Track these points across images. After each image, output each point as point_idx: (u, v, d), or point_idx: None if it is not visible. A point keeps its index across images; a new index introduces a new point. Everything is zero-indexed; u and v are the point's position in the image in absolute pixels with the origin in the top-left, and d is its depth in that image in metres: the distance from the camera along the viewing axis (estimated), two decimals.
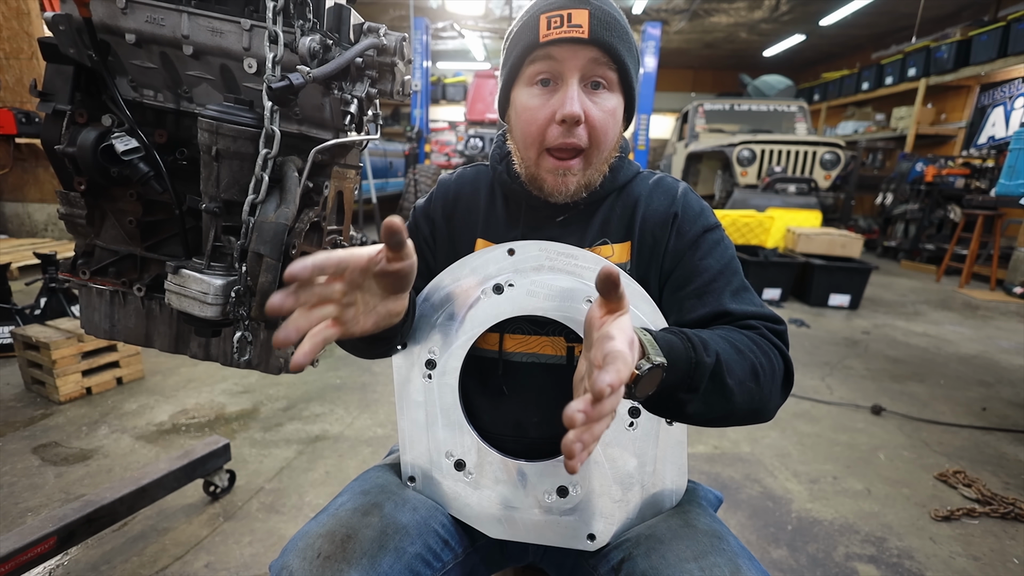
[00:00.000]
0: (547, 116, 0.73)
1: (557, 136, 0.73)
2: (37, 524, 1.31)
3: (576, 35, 0.69)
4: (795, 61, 13.51)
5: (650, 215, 0.80)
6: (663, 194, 0.82)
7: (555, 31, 0.70)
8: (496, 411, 0.84)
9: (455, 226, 0.88)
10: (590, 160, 0.75)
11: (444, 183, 0.93)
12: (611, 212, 0.82)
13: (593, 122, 0.72)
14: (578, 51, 0.71)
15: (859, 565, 1.64)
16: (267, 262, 0.80)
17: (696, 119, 8.19)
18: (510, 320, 0.81)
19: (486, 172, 0.91)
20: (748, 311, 0.73)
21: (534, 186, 0.79)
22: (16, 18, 4.61)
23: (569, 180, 0.75)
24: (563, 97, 0.71)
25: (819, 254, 4.94)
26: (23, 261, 4.14)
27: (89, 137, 0.88)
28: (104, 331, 1.10)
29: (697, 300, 0.75)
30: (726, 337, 0.66)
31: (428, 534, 0.72)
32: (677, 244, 0.78)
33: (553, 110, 0.72)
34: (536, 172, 0.77)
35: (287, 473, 1.97)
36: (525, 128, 0.75)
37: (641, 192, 0.83)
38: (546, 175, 0.76)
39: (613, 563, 0.70)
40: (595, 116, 0.72)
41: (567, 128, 0.72)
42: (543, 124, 0.73)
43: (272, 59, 0.78)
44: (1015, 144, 3.43)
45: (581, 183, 0.76)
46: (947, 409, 2.79)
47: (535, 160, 0.76)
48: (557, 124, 0.72)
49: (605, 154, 0.77)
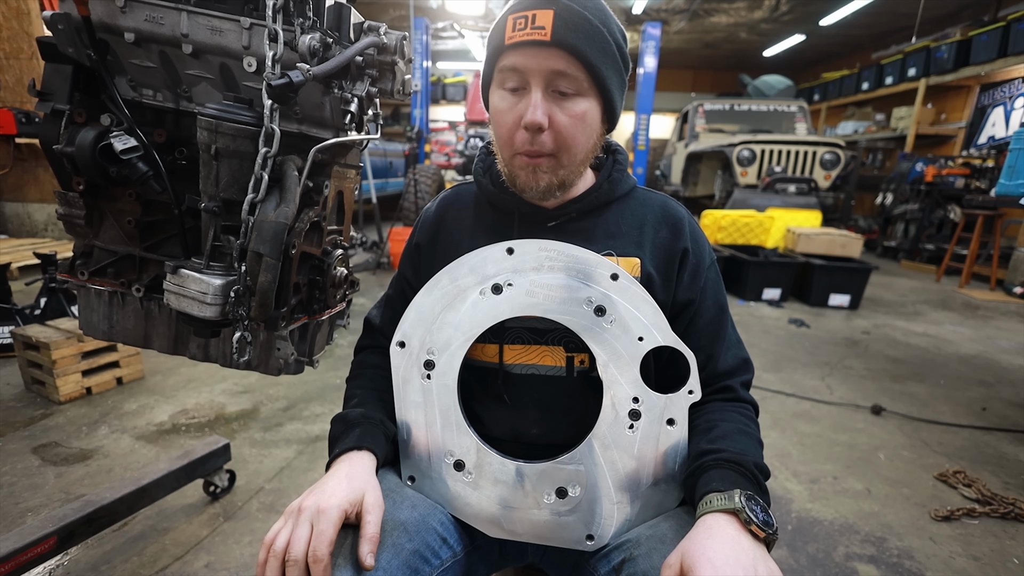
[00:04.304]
0: (514, 121, 0.74)
1: (523, 142, 0.74)
2: (37, 524, 1.31)
3: (538, 37, 0.69)
4: (795, 61, 13.51)
5: (660, 242, 0.83)
6: (672, 224, 0.84)
7: (519, 33, 0.70)
8: (496, 419, 0.84)
9: (442, 246, 0.88)
10: (560, 161, 0.76)
11: (425, 211, 0.95)
12: (616, 227, 0.83)
13: (558, 127, 0.73)
14: (541, 55, 0.70)
15: (859, 565, 1.64)
16: (267, 262, 0.79)
17: (696, 119, 8.19)
18: (509, 329, 0.81)
19: (467, 190, 0.92)
20: (730, 367, 0.82)
21: (511, 182, 0.81)
22: (16, 18, 4.61)
23: (540, 176, 0.76)
24: (527, 104, 0.72)
25: (819, 254, 4.94)
26: (23, 261, 4.14)
27: (88, 136, 0.88)
28: (103, 332, 1.10)
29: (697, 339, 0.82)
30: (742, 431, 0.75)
31: (427, 531, 0.72)
32: (691, 281, 0.83)
33: (519, 115, 0.73)
34: (511, 169, 0.79)
35: (287, 473, 1.97)
36: (497, 130, 0.78)
37: (648, 214, 0.85)
38: (519, 171, 0.78)
39: (614, 563, 0.70)
40: (560, 122, 0.73)
41: (531, 135, 0.73)
42: (511, 128, 0.75)
43: (272, 57, 0.78)
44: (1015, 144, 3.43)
45: (554, 181, 0.77)
46: (947, 409, 2.79)
47: (509, 159, 0.78)
48: (523, 129, 0.73)
49: (579, 156, 0.77)
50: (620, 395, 0.73)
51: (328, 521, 0.62)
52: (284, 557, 0.61)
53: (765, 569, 0.56)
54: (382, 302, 0.97)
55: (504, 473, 0.76)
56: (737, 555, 0.56)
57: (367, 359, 0.94)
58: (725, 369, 0.82)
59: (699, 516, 0.63)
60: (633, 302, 0.72)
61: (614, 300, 0.72)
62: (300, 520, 0.63)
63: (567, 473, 0.74)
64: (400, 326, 0.79)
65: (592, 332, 0.73)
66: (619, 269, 0.72)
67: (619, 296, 0.72)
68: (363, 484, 0.68)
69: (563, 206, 0.83)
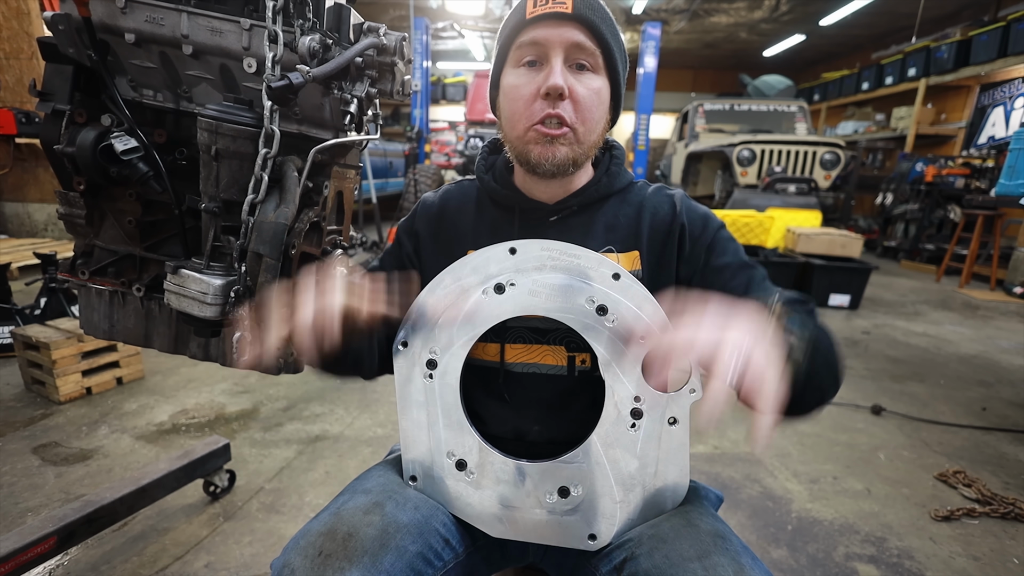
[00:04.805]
0: (533, 92, 0.75)
1: (542, 108, 0.75)
2: (37, 524, 1.31)
3: (560, 10, 0.73)
4: (795, 61, 13.51)
5: (656, 224, 0.83)
6: (664, 203, 0.85)
7: (540, 7, 0.74)
8: (497, 418, 0.84)
9: (443, 242, 0.88)
10: (577, 136, 0.77)
11: (426, 199, 0.94)
12: (615, 220, 0.84)
13: (577, 97, 0.75)
14: (562, 27, 0.74)
15: (859, 565, 1.64)
16: (266, 262, 0.79)
17: (696, 119, 8.18)
18: (511, 329, 0.81)
19: (470, 187, 0.92)
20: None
21: (524, 161, 0.79)
22: (16, 18, 4.61)
23: (557, 149, 0.76)
24: (547, 73, 0.74)
25: (819, 254, 4.94)
26: (23, 261, 4.14)
27: (88, 137, 0.88)
28: (103, 331, 1.10)
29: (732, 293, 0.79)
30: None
31: (429, 533, 0.72)
32: (693, 251, 0.81)
33: (538, 86, 0.75)
34: (523, 147, 0.78)
35: (287, 473, 1.97)
36: (512, 106, 0.78)
37: (643, 203, 0.85)
38: (533, 146, 0.77)
39: (615, 563, 0.70)
40: (579, 92, 0.75)
41: (551, 101, 0.75)
42: (529, 99, 0.76)
43: (272, 58, 0.78)
44: (1015, 144, 3.43)
45: (569, 156, 0.77)
46: (947, 409, 2.79)
47: (523, 135, 0.77)
48: (542, 99, 0.75)
49: (593, 136, 0.79)
50: (622, 394, 0.73)
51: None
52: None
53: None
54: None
55: (506, 472, 0.76)
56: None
57: None
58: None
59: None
60: (635, 301, 0.72)
61: (616, 299, 0.72)
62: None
63: (569, 472, 0.74)
64: (403, 325, 0.79)
65: (594, 331, 0.73)
66: (621, 268, 0.73)
67: (621, 295, 0.72)
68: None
69: (563, 200, 0.84)
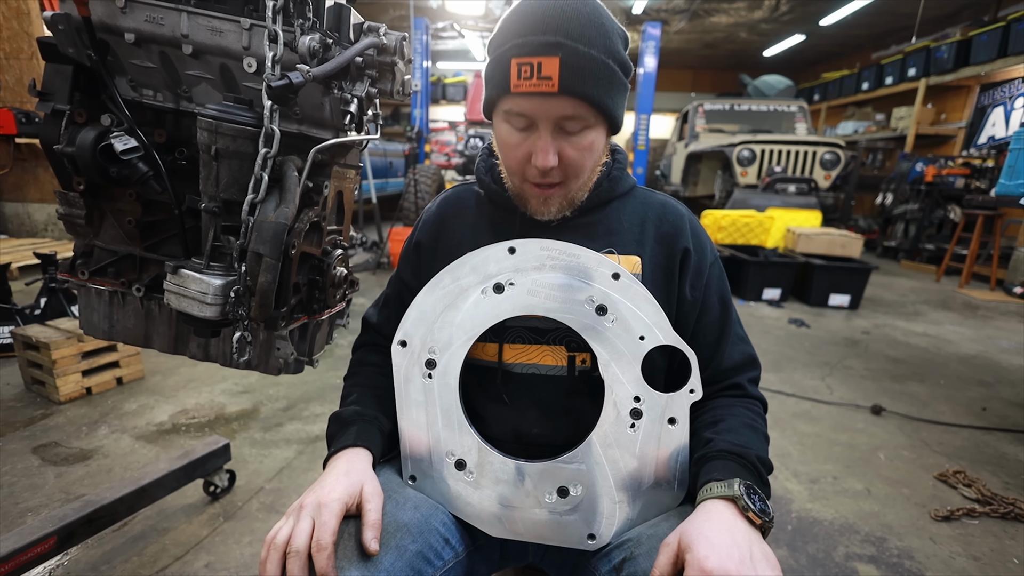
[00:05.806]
0: (524, 155, 0.75)
1: (533, 176, 0.76)
2: (37, 524, 1.31)
3: (545, 89, 0.67)
4: (795, 61, 13.51)
5: (662, 237, 0.84)
6: (672, 217, 0.85)
7: (525, 83, 0.68)
8: (497, 418, 0.84)
9: (443, 245, 0.89)
10: (569, 187, 0.79)
11: (426, 211, 0.96)
12: (617, 223, 0.84)
13: (567, 160, 0.74)
14: (548, 103, 0.69)
15: (859, 565, 1.64)
16: (266, 262, 0.79)
17: (696, 119, 8.18)
18: (510, 329, 0.81)
19: (470, 189, 0.93)
20: (736, 363, 0.83)
21: (522, 204, 0.83)
22: (16, 18, 4.61)
23: (551, 204, 0.80)
24: (536, 144, 0.73)
25: (819, 254, 4.94)
26: (23, 261, 4.14)
27: (88, 137, 0.88)
28: (103, 331, 1.10)
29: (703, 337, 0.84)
30: (748, 425, 0.76)
31: (429, 532, 0.72)
32: (694, 280, 0.83)
33: (528, 152, 0.74)
34: (520, 191, 0.81)
35: (287, 473, 1.97)
36: (506, 160, 0.80)
37: (648, 213, 0.85)
38: (530, 198, 0.81)
39: (615, 563, 0.70)
40: (569, 155, 0.74)
41: (541, 172, 0.75)
42: (521, 161, 0.76)
43: (272, 58, 0.78)
44: (1015, 144, 3.42)
45: (564, 204, 0.81)
46: (947, 409, 2.79)
47: (519, 185, 0.81)
48: (533, 166, 0.74)
49: (585, 177, 0.79)
50: (621, 394, 0.73)
51: (330, 513, 0.63)
52: (285, 551, 0.61)
53: (760, 551, 0.58)
54: (380, 300, 0.98)
55: (505, 472, 0.76)
56: (733, 536, 0.59)
57: (365, 357, 0.94)
58: (731, 365, 0.83)
59: (699, 502, 0.65)
60: (635, 301, 0.72)
61: (615, 299, 0.72)
62: (301, 516, 0.64)
63: (568, 472, 0.74)
64: (402, 325, 0.79)
65: (593, 331, 0.73)
66: (621, 268, 0.73)
67: (620, 295, 0.72)
68: (360, 476, 0.70)
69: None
